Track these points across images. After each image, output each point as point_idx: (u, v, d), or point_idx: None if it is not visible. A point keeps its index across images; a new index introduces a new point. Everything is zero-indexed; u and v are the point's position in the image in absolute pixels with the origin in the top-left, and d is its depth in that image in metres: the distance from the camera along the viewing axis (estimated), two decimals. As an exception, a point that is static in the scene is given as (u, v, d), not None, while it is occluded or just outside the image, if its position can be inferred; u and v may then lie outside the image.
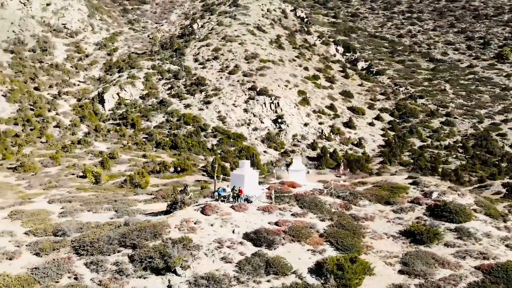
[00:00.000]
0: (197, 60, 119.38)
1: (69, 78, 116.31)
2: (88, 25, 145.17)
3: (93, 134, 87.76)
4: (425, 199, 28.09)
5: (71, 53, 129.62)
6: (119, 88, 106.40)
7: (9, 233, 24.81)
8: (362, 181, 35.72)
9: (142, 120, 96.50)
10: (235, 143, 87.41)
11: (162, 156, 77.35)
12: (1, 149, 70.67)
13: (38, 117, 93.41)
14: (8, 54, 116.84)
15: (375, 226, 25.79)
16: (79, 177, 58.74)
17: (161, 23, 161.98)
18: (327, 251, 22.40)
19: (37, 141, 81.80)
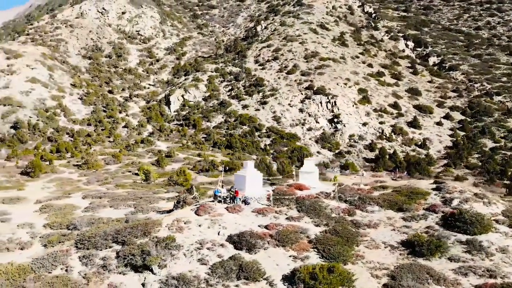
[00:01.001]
0: (258, 61, 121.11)
1: (140, 82, 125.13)
2: (160, 31, 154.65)
3: (156, 134, 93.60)
4: (443, 207, 25.87)
5: (143, 58, 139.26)
6: (184, 91, 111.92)
7: (29, 225, 27.96)
8: (383, 185, 33.89)
9: (203, 121, 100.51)
10: (288, 143, 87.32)
11: (216, 156, 79.98)
12: (71, 147, 78.49)
13: (109, 118, 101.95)
14: (86, 60, 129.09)
15: (376, 234, 24.26)
16: (134, 175, 63.08)
17: (228, 26, 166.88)
18: (310, 258, 21.54)
19: (106, 140, 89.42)
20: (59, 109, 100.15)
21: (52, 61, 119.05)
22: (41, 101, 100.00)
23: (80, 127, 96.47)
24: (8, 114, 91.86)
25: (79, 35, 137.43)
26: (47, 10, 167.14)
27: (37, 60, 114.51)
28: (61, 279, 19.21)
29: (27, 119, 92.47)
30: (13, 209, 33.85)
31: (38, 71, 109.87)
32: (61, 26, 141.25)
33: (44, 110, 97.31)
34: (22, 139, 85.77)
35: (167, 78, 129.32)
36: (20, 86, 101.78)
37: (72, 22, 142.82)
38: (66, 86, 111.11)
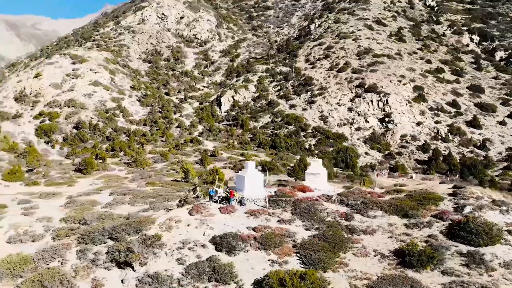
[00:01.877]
0: (308, 60, 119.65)
1: (195, 84, 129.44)
2: (216, 34, 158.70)
3: (205, 134, 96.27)
4: (453, 214, 23.54)
5: (199, 61, 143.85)
6: (234, 92, 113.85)
7: (47, 219, 30.07)
8: (399, 188, 31.67)
9: (250, 121, 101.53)
10: (334, 144, 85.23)
11: (260, 155, 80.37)
12: (125, 146, 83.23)
13: (164, 118, 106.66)
14: (146, 64, 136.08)
15: (370, 241, 22.69)
16: (177, 173, 65.37)
17: (282, 26, 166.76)
18: (289, 264, 20.72)
19: (159, 139, 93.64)
20: (118, 110, 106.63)
21: (114, 65, 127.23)
22: (102, 103, 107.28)
23: (136, 127, 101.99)
24: (71, 115, 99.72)
25: (140, 40, 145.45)
26: (112, 17, 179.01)
27: (100, 64, 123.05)
28: (51, 271, 20.51)
29: (89, 119, 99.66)
30: (44, 203, 36.81)
31: (100, 75, 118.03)
32: (124, 32, 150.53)
33: (104, 111, 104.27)
34: (83, 138, 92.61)
35: (220, 80, 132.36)
36: (84, 89, 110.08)
37: (134, 28, 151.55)
38: (126, 89, 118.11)
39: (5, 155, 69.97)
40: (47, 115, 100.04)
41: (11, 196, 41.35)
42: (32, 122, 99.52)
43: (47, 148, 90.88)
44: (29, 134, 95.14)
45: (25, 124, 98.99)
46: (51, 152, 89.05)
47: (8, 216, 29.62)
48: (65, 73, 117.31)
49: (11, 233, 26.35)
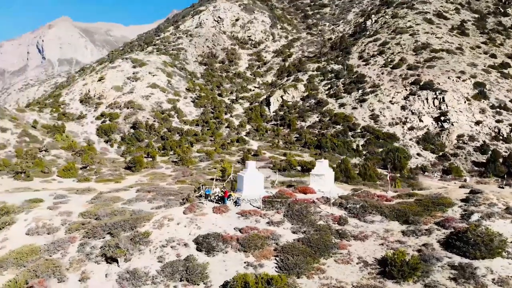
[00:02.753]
0: (362, 57, 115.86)
1: (246, 85, 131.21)
2: (270, 35, 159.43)
3: (252, 134, 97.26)
4: (458, 222, 21.32)
5: (252, 62, 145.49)
6: (283, 91, 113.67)
7: (68, 213, 32.10)
8: (413, 192, 29.37)
9: (298, 121, 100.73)
10: (384, 144, 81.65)
11: (303, 156, 79.53)
12: (175, 145, 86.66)
13: (215, 119, 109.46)
14: (202, 66, 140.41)
15: (359, 247, 21.31)
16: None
17: (338, 24, 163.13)
18: (265, 267, 20.22)
19: (208, 139, 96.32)
20: (173, 111, 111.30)
21: (171, 68, 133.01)
22: (158, 104, 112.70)
23: (189, 127, 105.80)
24: (130, 116, 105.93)
25: (196, 44, 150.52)
26: (173, 22, 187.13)
27: (158, 67, 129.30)
28: (48, 262, 22.09)
29: (145, 120, 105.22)
30: (76, 199, 39.61)
31: (158, 78, 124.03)
32: (182, 36, 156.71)
33: (160, 112, 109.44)
34: (139, 138, 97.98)
35: (271, 80, 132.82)
36: (142, 91, 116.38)
37: (191, 32, 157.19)
38: (181, 91, 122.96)
39: (63, 153, 76.12)
40: (108, 116, 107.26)
41: (52, 191, 44.96)
42: (94, 122, 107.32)
43: (106, 147, 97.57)
44: (90, 133, 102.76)
45: (87, 124, 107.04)
46: (109, 151, 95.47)
47: (35, 210, 32.34)
48: (126, 76, 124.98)
49: (32, 226, 28.77)
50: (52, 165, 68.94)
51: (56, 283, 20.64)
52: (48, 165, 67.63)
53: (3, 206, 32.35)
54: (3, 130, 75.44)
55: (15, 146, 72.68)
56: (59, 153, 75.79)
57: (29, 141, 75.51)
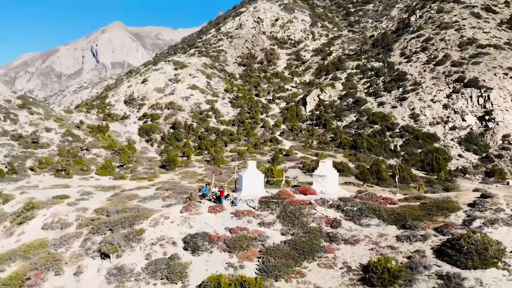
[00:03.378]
0: (404, 54, 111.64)
1: (284, 84, 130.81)
2: (310, 34, 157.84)
3: (286, 134, 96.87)
4: (458, 228, 19.81)
5: (290, 62, 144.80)
6: (320, 91, 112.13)
7: (84, 209, 33.50)
8: (422, 195, 27.62)
9: (334, 120, 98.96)
10: (424, 144, 78.22)
11: (336, 156, 78.04)
12: (209, 145, 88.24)
13: (251, 119, 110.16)
14: (241, 67, 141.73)
15: (347, 251, 20.40)
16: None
17: (381, 20, 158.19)
18: (246, 268, 19.96)
19: (242, 139, 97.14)
20: (211, 112, 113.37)
21: (211, 70, 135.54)
22: (197, 105, 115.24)
23: (225, 127, 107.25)
24: (170, 116, 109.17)
25: (236, 45, 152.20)
26: (215, 24, 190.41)
27: (198, 69, 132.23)
28: (49, 256, 23.35)
29: (184, 120, 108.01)
30: (97, 196, 41.40)
31: (198, 79, 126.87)
32: (223, 38, 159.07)
33: (198, 112, 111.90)
34: (178, 137, 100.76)
35: (309, 79, 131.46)
36: (182, 93, 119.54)
37: (232, 34, 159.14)
38: (220, 91, 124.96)
39: (103, 152, 79.91)
40: (150, 116, 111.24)
41: (80, 188, 47.41)
42: (137, 122, 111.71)
43: (146, 146, 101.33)
44: (133, 133, 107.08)
45: (130, 125, 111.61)
46: (149, 150, 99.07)
47: (56, 206, 34.27)
48: (168, 78, 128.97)
49: (48, 221, 30.54)
50: (91, 164, 72.67)
51: (53, 276, 21.85)
52: (88, 164, 71.36)
53: (29, 201, 34.71)
54: (47, 130, 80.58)
55: (58, 145, 77.39)
56: (99, 152, 79.71)
57: (71, 140, 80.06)
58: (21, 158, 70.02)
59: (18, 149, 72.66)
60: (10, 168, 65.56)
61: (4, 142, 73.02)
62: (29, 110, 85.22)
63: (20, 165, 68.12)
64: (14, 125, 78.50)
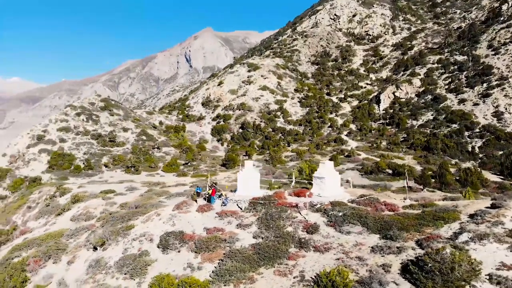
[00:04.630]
0: (491, 46, 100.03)
1: (358, 82, 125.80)
2: (390, 28, 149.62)
3: (353, 134, 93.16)
4: (440, 241, 16.75)
5: (367, 58, 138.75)
6: (395, 87, 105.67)
7: (112, 204, 35.63)
8: (430, 203, 23.91)
9: (408, 119, 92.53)
10: (506, 146, 69.45)
11: (405, 158, 73.07)
12: (272, 144, 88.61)
13: (319, 118, 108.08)
14: (314, 66, 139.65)
15: (311, 260, 18.94)
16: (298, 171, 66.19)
17: (470, 10, 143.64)
18: (203, 270, 19.88)
19: (307, 139, 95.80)
20: (280, 112, 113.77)
21: (283, 70, 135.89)
22: (266, 105, 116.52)
23: (292, 127, 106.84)
24: (240, 117, 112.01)
25: (310, 44, 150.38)
26: (291, 24, 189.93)
27: (270, 70, 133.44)
28: (54, 245, 25.49)
29: (253, 120, 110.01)
30: (137, 191, 43.95)
31: (269, 80, 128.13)
32: (298, 38, 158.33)
33: (267, 113, 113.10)
34: (246, 137, 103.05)
35: (386, 76, 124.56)
36: (253, 94, 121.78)
37: (307, 32, 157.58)
38: (290, 91, 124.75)
39: (173, 150, 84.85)
40: (222, 117, 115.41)
41: (129, 184, 50.94)
42: (211, 123, 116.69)
43: (217, 145, 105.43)
44: (206, 133, 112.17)
45: (205, 125, 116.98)
46: (219, 149, 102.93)
47: (92, 199, 37.33)
48: (241, 80, 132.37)
49: (77, 213, 33.39)
50: (159, 161, 77.79)
51: (51, 264, 24.00)
52: (156, 161, 76.53)
53: (76, 195, 38.48)
54: (125, 130, 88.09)
55: (132, 144, 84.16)
56: (169, 150, 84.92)
57: (145, 140, 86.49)
58: (98, 155, 77.61)
59: (97, 147, 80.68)
60: (87, 164, 73.08)
61: (85, 140, 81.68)
62: (110, 112, 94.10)
63: (96, 161, 75.57)
64: (95, 125, 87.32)
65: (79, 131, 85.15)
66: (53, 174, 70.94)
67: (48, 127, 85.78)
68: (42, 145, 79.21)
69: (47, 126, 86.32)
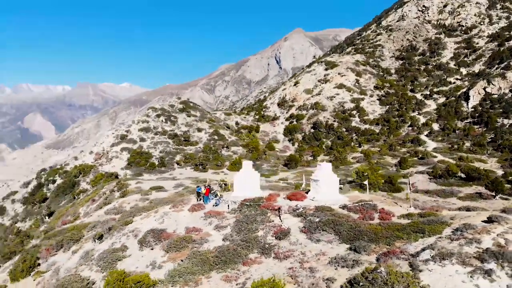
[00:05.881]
0: None
1: (446, 77, 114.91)
2: (485, 17, 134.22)
3: (434, 134, 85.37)
4: (401, 258, 13.67)
5: (459, 51, 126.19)
6: (487, 82, 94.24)
7: (145, 200, 36.62)
8: (430, 212, 19.59)
9: (500, 118, 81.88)
10: None
11: (487, 161, 64.94)
12: (341, 145, 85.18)
13: (399, 117, 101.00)
14: (398, 61, 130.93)
15: (264, 267, 17.77)
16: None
17: None
18: (162, 269, 19.98)
19: (381, 139, 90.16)
20: (355, 111, 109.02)
21: (363, 67, 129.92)
22: (341, 104, 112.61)
23: (368, 126, 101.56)
24: (312, 116, 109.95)
25: (395, 38, 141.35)
26: (376, 19, 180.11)
27: (349, 67, 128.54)
28: (69, 236, 27.24)
29: (326, 120, 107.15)
30: (184, 186, 45.08)
31: (346, 78, 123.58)
32: (382, 32, 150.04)
33: (341, 112, 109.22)
34: (317, 137, 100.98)
35: (478, 70, 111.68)
36: (328, 92, 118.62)
37: (392, 26, 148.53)
38: (368, 89, 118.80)
39: (241, 149, 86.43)
40: (295, 117, 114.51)
41: (180, 181, 52.84)
42: (284, 123, 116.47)
43: (288, 145, 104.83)
44: (278, 133, 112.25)
45: (278, 125, 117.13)
46: (290, 149, 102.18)
47: (132, 195, 39.31)
48: (317, 79, 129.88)
49: (112, 207, 35.41)
50: (226, 160, 79.85)
51: (61, 253, 25.82)
52: (222, 160, 78.70)
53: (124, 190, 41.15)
54: (199, 130, 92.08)
55: (204, 143, 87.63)
56: (237, 150, 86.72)
57: (216, 139, 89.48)
58: (172, 154, 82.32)
59: (172, 146, 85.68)
60: (160, 162, 77.98)
61: (162, 140, 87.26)
62: (187, 113, 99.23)
63: (170, 159, 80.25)
64: (172, 126, 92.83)
65: (157, 131, 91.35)
66: (130, 171, 77.04)
67: (131, 128, 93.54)
68: (124, 144, 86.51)
69: (130, 126, 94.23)
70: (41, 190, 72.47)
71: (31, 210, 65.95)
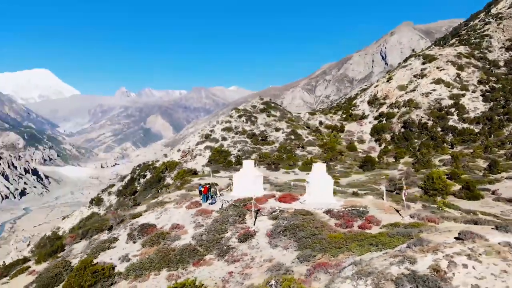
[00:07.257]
0: None
1: None
2: None
3: (545, 134, 73.18)
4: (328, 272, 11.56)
5: None
6: None
7: (186, 195, 37.58)
8: (414, 223, 15.59)
9: None
10: None
11: None
12: (429, 146, 78.17)
13: (504, 115, 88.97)
14: (508, 53, 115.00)
15: (211, 270, 17.69)
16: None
17: None
18: (129, 262, 20.88)
19: (479, 140, 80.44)
20: (454, 108, 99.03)
21: (466, 60, 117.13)
22: (437, 101, 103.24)
23: (467, 126, 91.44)
24: (404, 114, 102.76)
25: (506, 27, 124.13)
26: (485, 7, 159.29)
27: (449, 60, 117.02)
28: (95, 225, 29.77)
29: (419, 119, 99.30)
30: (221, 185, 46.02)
31: (445, 72, 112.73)
32: (491, 21, 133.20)
33: (437, 110, 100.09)
34: (407, 137, 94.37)
35: None
36: (424, 88, 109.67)
37: (503, 14, 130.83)
38: (471, 84, 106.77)
39: (316, 149, 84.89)
40: (385, 115, 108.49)
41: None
42: (372, 122, 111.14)
43: (373, 146, 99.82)
44: (365, 133, 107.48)
45: (366, 124, 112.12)
46: (375, 150, 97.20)
47: (177, 191, 41.33)
48: (413, 74, 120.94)
49: (158, 201, 37.73)
50: (299, 160, 79.27)
51: (84, 240, 28.62)
52: (295, 159, 78.34)
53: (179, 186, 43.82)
54: (277, 130, 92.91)
55: (281, 142, 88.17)
56: (312, 150, 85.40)
57: (293, 139, 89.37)
58: (249, 153, 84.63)
59: (250, 145, 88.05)
60: (237, 160, 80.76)
61: (241, 139, 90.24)
62: (267, 113, 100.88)
63: (246, 158, 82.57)
64: (252, 126, 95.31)
65: (238, 131, 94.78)
66: (209, 168, 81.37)
67: (215, 128, 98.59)
68: (208, 143, 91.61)
69: (215, 126, 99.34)
70: (133, 184, 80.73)
71: (122, 202, 73.97)
